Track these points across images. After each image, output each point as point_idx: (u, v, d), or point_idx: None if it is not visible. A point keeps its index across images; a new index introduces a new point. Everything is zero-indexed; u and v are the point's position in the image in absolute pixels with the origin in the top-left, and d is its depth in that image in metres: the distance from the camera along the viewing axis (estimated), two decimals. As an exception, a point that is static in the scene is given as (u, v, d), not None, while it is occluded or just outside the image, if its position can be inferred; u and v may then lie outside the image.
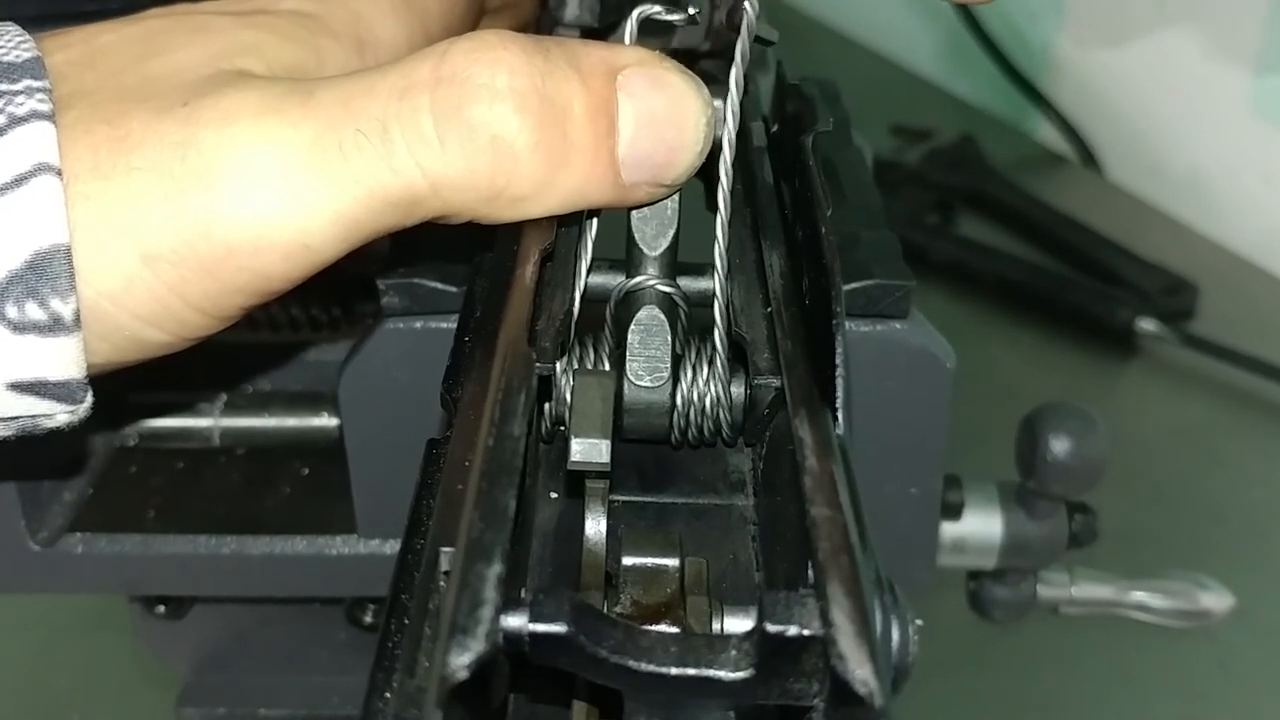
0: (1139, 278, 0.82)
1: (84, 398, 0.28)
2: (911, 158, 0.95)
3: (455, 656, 0.19)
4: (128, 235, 0.27)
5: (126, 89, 0.28)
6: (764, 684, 0.20)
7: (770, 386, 0.28)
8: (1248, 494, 0.69)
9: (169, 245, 0.27)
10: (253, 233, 0.27)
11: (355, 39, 0.32)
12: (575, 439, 0.26)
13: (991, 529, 0.39)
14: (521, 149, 0.27)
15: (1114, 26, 0.96)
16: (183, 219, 0.27)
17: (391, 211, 0.28)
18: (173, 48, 0.30)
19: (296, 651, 0.47)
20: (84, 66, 0.29)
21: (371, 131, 0.27)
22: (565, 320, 0.29)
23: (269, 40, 0.30)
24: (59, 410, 0.28)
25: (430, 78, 0.27)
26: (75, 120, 0.27)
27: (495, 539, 0.21)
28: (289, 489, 0.39)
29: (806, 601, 0.20)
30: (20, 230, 0.26)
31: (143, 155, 0.27)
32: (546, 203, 0.28)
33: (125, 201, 0.27)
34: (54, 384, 0.27)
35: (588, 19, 0.39)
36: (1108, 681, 0.58)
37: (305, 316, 0.43)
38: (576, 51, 0.28)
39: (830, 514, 0.22)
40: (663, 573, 0.26)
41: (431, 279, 0.32)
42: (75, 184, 0.27)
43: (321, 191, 0.27)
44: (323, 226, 0.27)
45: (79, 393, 0.28)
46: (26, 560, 0.37)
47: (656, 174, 0.29)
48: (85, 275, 0.27)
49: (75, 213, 0.26)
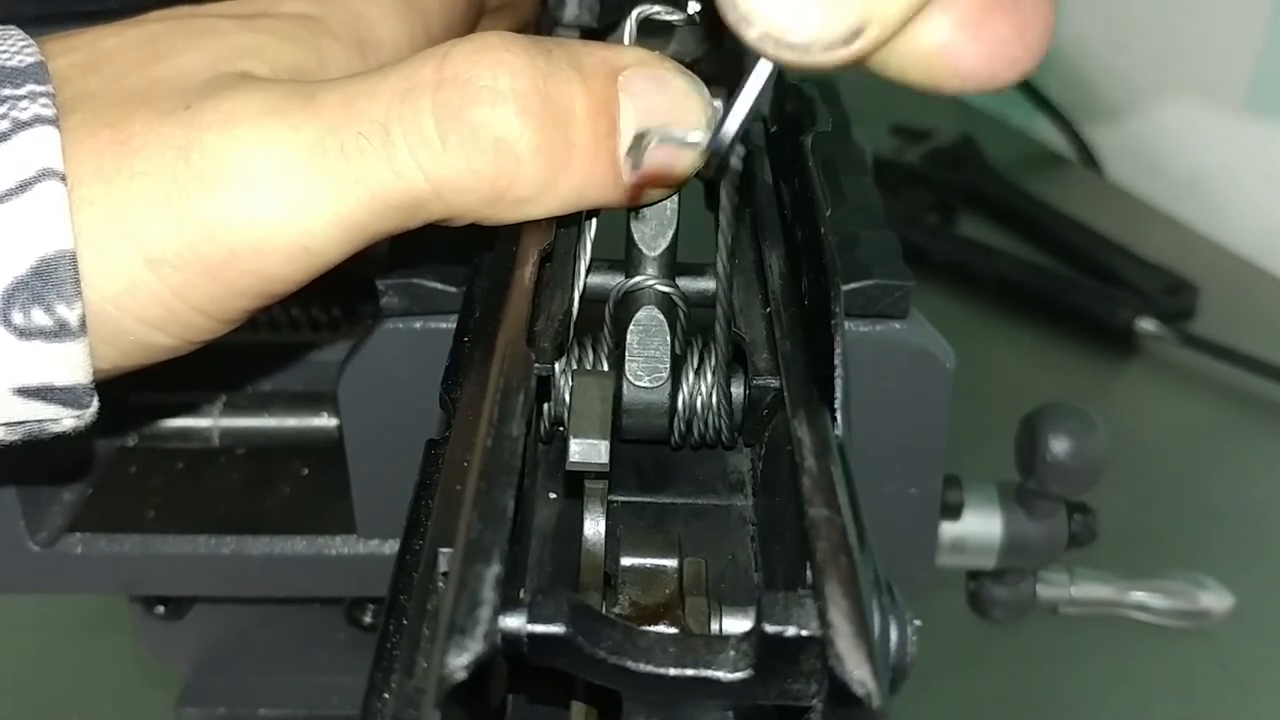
0: (1139, 278, 0.82)
1: (90, 402, 0.28)
2: (911, 158, 0.95)
3: (453, 657, 0.19)
4: (131, 239, 0.27)
5: (129, 92, 0.28)
6: (762, 684, 0.20)
7: (769, 387, 0.28)
8: (1248, 494, 0.69)
9: (172, 249, 0.27)
10: (255, 235, 0.27)
11: (357, 40, 0.32)
12: (574, 439, 0.26)
13: (991, 529, 0.39)
14: (524, 151, 0.27)
15: (1114, 26, 0.96)
16: (186, 222, 0.27)
17: (394, 214, 0.28)
18: (176, 51, 0.30)
19: (296, 651, 0.47)
20: (87, 70, 0.29)
21: (373, 134, 0.27)
22: (564, 320, 0.29)
23: (271, 42, 0.30)
24: (65, 415, 0.28)
25: (432, 79, 0.27)
26: (79, 124, 0.27)
27: (494, 540, 0.21)
28: (289, 489, 0.39)
29: (805, 602, 0.20)
30: (25, 236, 0.26)
31: (146, 159, 0.27)
32: (548, 203, 0.28)
33: (129, 206, 0.27)
34: (60, 389, 0.27)
35: (587, 19, 0.39)
36: (1108, 681, 0.58)
37: (305, 317, 0.43)
38: (578, 52, 0.28)
39: (829, 515, 0.22)
40: (661, 573, 0.26)
41: (431, 279, 0.32)
42: (79, 189, 0.27)
43: (323, 194, 0.27)
44: (325, 229, 0.27)
45: (85, 397, 0.28)
46: (26, 560, 0.37)
47: (657, 174, 0.29)
48: (90, 280, 0.27)
49: (79, 218, 0.26)
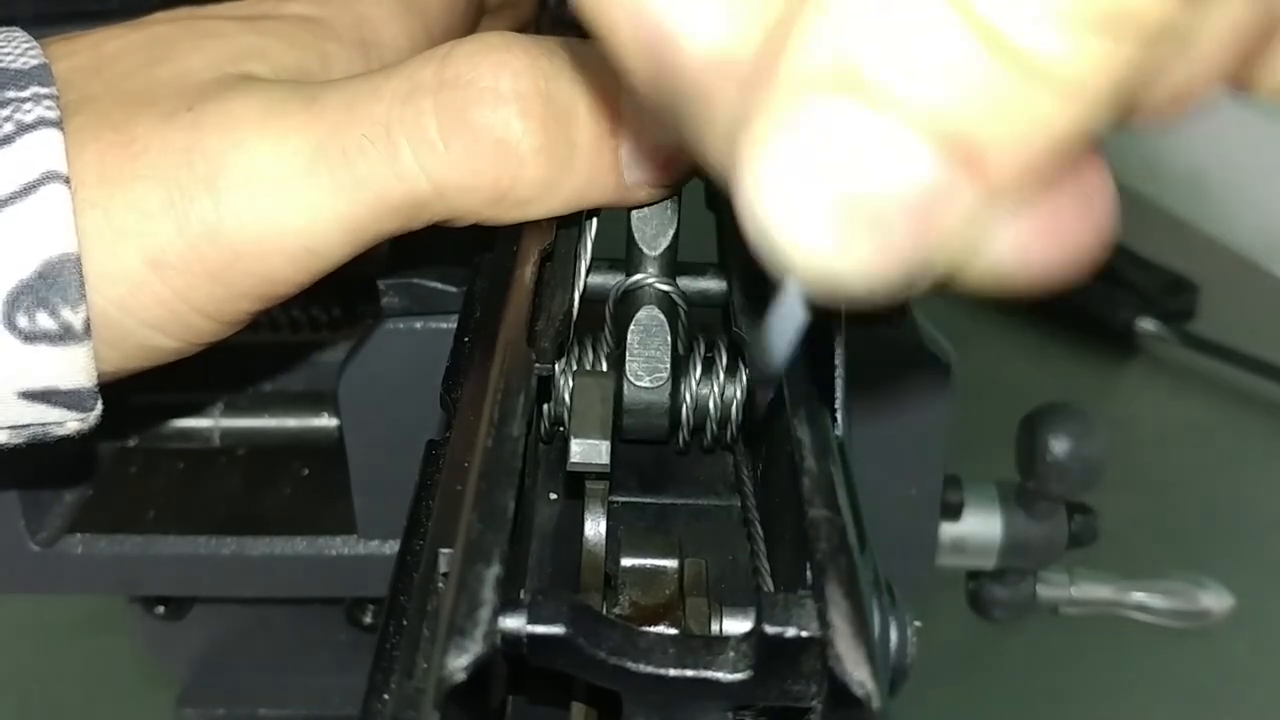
0: (1139, 278, 0.82)
1: (94, 405, 0.28)
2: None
3: (453, 658, 0.19)
4: (134, 242, 0.27)
5: (132, 95, 0.28)
6: (762, 685, 0.20)
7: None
8: (1248, 494, 0.69)
9: (175, 251, 0.27)
10: (258, 237, 0.27)
11: (360, 41, 0.32)
12: (575, 440, 0.26)
13: (991, 529, 0.39)
14: (526, 152, 0.27)
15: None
16: (188, 225, 0.27)
17: (396, 215, 0.28)
18: (178, 54, 0.30)
19: (296, 652, 0.47)
20: (90, 73, 0.29)
21: (376, 136, 0.27)
22: (565, 320, 0.29)
23: (274, 45, 0.30)
24: (70, 418, 0.28)
25: (434, 81, 0.27)
26: (81, 126, 0.27)
27: (494, 540, 0.21)
28: (289, 489, 0.39)
29: (804, 603, 0.20)
30: (29, 239, 0.26)
31: (148, 162, 0.27)
32: (550, 204, 0.28)
33: (132, 209, 0.27)
34: (65, 392, 0.27)
35: (587, 18, 0.39)
36: (1108, 681, 0.58)
37: (305, 317, 0.43)
38: (579, 51, 0.28)
39: (828, 515, 0.22)
40: (662, 574, 0.26)
41: (431, 279, 0.32)
42: (82, 191, 0.26)
43: (326, 196, 0.27)
44: (328, 231, 0.27)
45: (89, 400, 0.28)
46: (26, 561, 0.37)
47: (659, 174, 0.29)
48: (94, 283, 0.27)
49: (83, 221, 0.26)
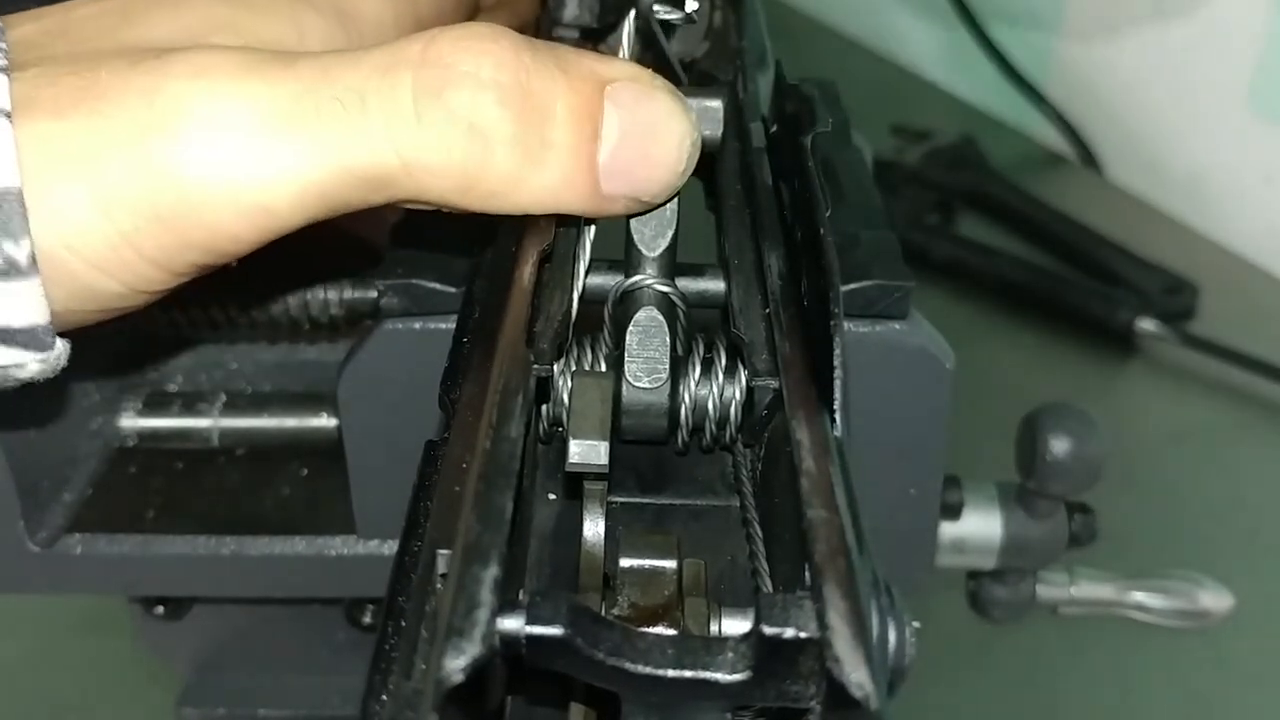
0: (1139, 278, 0.82)
1: (53, 344, 0.28)
2: (911, 158, 0.94)
3: (451, 659, 0.19)
4: (84, 181, 0.26)
5: (99, 51, 0.28)
6: (760, 686, 0.20)
7: (768, 387, 0.28)
8: (1248, 494, 0.69)
9: (127, 192, 0.26)
10: (212, 188, 0.26)
11: (336, 11, 0.32)
12: (573, 440, 0.26)
13: (991, 529, 0.39)
14: (497, 141, 0.27)
15: (1114, 26, 0.96)
16: (141, 166, 0.26)
17: (360, 186, 0.27)
18: (150, 22, 0.29)
19: (296, 652, 0.47)
20: (56, 35, 0.29)
21: (349, 101, 0.27)
22: (564, 321, 0.29)
23: (248, 16, 0.30)
24: (30, 359, 0.28)
25: (416, 58, 0.27)
26: (39, 74, 0.27)
27: (492, 541, 0.21)
28: (288, 489, 0.39)
29: (803, 604, 0.20)
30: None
31: (108, 100, 0.26)
32: (519, 200, 0.28)
33: (83, 142, 0.26)
34: (19, 331, 0.27)
35: (587, 19, 0.39)
36: (1108, 681, 0.58)
37: (306, 317, 0.43)
38: (566, 55, 0.28)
39: (827, 516, 0.22)
40: (661, 574, 0.26)
41: (430, 279, 0.32)
42: (32, 125, 0.26)
43: (290, 154, 0.26)
44: (287, 191, 0.27)
45: (46, 338, 0.27)
46: (26, 560, 0.37)
47: (636, 187, 0.29)
48: (39, 217, 0.26)
49: (29, 155, 0.26)
